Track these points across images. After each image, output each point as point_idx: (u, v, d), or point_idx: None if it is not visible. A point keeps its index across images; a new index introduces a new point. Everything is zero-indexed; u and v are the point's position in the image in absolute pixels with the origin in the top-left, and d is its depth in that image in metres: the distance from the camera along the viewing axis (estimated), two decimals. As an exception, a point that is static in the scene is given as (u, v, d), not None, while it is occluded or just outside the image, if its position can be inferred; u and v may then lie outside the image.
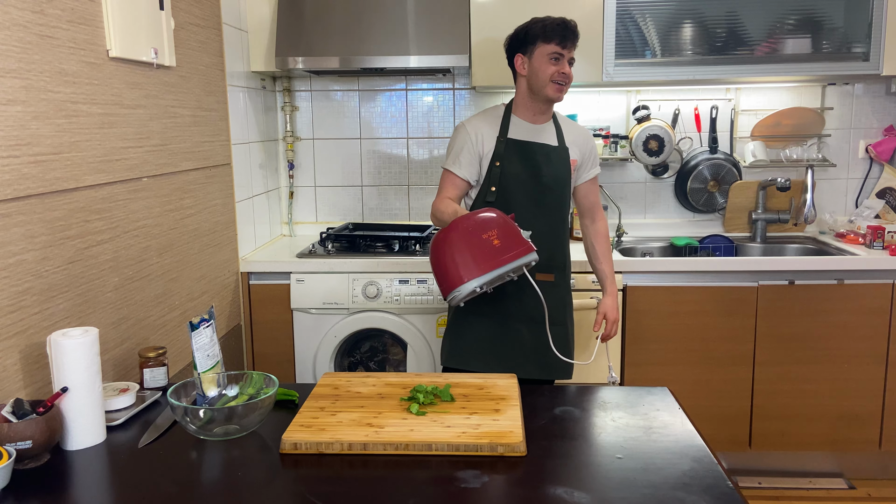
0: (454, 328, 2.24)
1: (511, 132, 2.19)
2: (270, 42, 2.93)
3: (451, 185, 2.17)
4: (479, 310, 2.18)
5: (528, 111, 2.21)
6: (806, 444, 2.85)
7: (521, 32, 2.17)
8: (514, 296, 2.16)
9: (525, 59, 2.16)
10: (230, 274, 2.71)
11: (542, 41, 2.12)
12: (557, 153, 2.21)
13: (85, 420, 1.39)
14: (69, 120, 1.67)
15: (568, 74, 2.14)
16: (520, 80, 2.21)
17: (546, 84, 2.13)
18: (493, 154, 2.16)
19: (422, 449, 1.33)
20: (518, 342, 2.18)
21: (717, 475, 1.25)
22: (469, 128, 2.19)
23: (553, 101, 2.18)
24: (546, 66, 2.12)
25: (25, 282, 1.52)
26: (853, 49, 2.84)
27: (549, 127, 2.25)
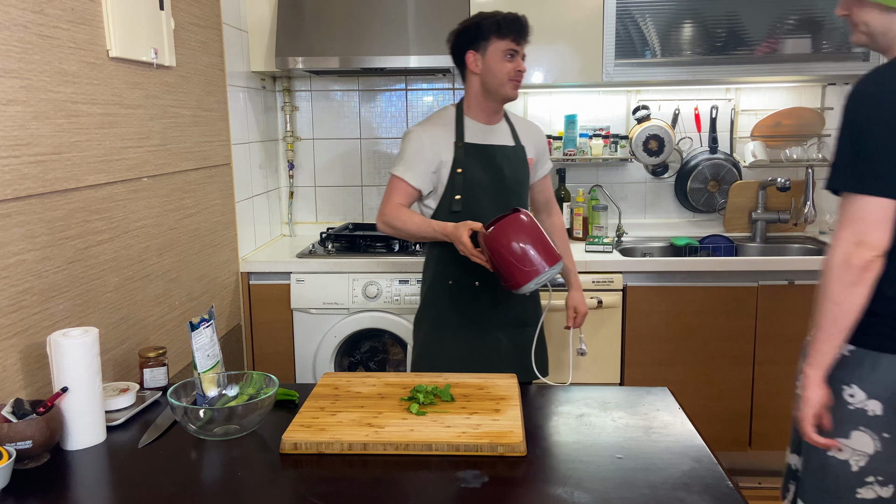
0: (429, 349, 2.16)
1: (467, 136, 2.09)
2: (270, 42, 2.93)
3: (401, 192, 2.06)
4: (455, 326, 2.13)
5: (481, 111, 2.11)
6: (806, 444, 2.84)
7: (472, 27, 2.04)
8: (490, 304, 2.12)
9: (478, 56, 2.04)
10: (230, 274, 2.71)
11: (497, 37, 2.01)
12: (516, 153, 2.15)
13: (85, 420, 1.39)
14: (69, 120, 1.67)
15: (524, 71, 2.06)
16: (472, 78, 2.08)
17: (504, 82, 2.03)
18: (452, 161, 2.06)
19: (422, 449, 1.33)
20: (497, 349, 2.14)
21: (717, 475, 1.25)
22: (423, 135, 2.07)
23: (511, 99, 2.08)
24: (502, 63, 2.02)
25: (25, 282, 1.52)
26: (853, 49, 2.84)
27: (503, 126, 2.17)
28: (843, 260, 1.43)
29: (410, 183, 2.06)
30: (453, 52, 2.12)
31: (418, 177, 2.06)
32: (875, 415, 1.49)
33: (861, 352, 1.50)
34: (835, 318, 1.45)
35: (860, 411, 1.51)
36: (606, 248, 2.89)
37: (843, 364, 1.52)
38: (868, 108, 1.44)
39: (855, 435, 1.52)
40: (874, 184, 1.42)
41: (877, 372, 1.49)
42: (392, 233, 2.08)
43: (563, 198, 3.19)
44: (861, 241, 1.42)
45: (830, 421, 1.52)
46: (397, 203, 2.06)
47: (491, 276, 2.00)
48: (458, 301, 2.12)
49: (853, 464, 1.54)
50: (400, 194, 2.06)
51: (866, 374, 1.49)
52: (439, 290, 2.14)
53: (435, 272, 2.15)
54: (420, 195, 2.10)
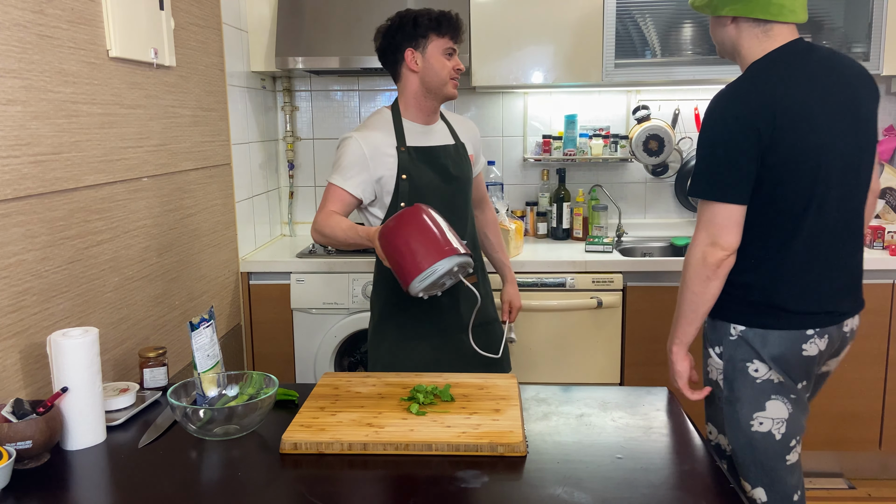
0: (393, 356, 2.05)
1: (408, 139, 2.00)
2: (270, 42, 2.93)
3: (337, 200, 1.94)
4: (417, 333, 2.05)
5: (420, 112, 2.02)
6: (806, 444, 2.83)
7: (408, 23, 1.95)
8: (450, 307, 2.06)
9: (417, 54, 1.95)
10: (230, 274, 2.71)
11: (436, 35, 1.94)
12: (458, 151, 2.09)
13: (85, 420, 1.39)
14: (69, 120, 1.67)
15: (462, 70, 1.99)
16: (409, 77, 1.98)
17: (445, 82, 1.96)
18: (397, 168, 1.96)
19: (422, 449, 1.33)
20: (461, 352, 2.07)
21: (717, 475, 1.25)
22: (362, 142, 1.95)
23: (451, 98, 2.00)
24: (443, 61, 1.95)
25: (25, 282, 1.52)
26: (853, 49, 2.84)
27: (440, 126, 2.09)
28: (700, 258, 1.65)
29: (349, 191, 1.95)
30: (385, 49, 2.01)
31: (358, 186, 1.95)
32: (780, 381, 1.69)
33: (751, 331, 1.69)
34: (695, 306, 1.69)
35: (767, 381, 1.69)
36: (606, 248, 2.89)
37: (739, 344, 1.71)
38: (718, 126, 1.63)
39: (770, 405, 1.70)
40: (725, 192, 1.62)
41: (768, 346, 1.67)
42: (323, 241, 1.96)
43: (562, 198, 3.19)
44: (715, 242, 1.63)
45: (696, 375, 1.79)
46: (330, 211, 1.94)
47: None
48: (419, 310, 2.02)
49: (776, 433, 1.72)
50: (335, 202, 1.95)
51: (760, 349, 1.68)
52: (398, 301, 2.04)
53: (392, 285, 2.01)
54: (359, 203, 2.00)
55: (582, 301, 2.70)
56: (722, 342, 1.72)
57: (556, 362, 2.77)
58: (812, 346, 1.67)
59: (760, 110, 1.59)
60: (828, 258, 1.68)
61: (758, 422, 1.70)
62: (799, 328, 1.67)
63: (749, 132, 1.59)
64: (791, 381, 1.69)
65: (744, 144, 1.60)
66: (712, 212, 1.64)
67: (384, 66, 2.05)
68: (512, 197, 3.37)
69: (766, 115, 1.59)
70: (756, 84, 1.64)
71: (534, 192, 3.36)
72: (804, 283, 1.67)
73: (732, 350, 1.71)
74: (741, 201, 1.62)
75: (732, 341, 1.71)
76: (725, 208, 1.62)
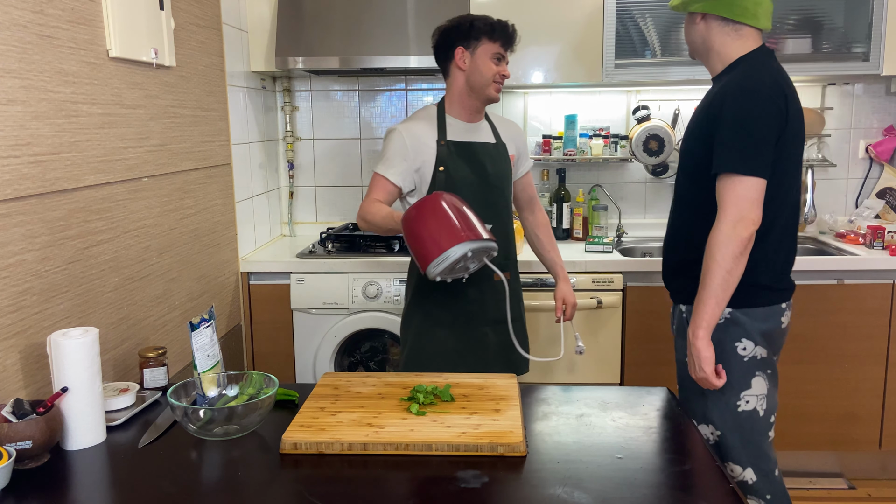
0: (420, 346, 2.16)
1: (449, 134, 2.12)
2: (270, 42, 2.93)
3: (380, 188, 2.07)
4: (441, 321, 2.14)
5: (464, 110, 2.14)
6: (806, 444, 2.85)
7: (465, 25, 2.08)
8: (476, 300, 2.14)
9: (467, 54, 2.07)
10: (230, 274, 2.71)
11: (488, 39, 2.06)
12: (497, 150, 2.18)
13: (85, 420, 1.39)
14: (69, 120, 1.67)
15: (507, 76, 2.12)
16: (457, 74, 2.11)
17: (489, 83, 2.08)
18: (435, 159, 2.08)
19: (422, 449, 1.33)
20: (483, 345, 2.16)
21: (717, 475, 1.25)
22: (405, 134, 2.08)
23: (493, 100, 2.13)
24: (490, 64, 2.07)
25: (25, 282, 1.52)
26: (853, 49, 2.84)
27: (484, 125, 2.20)
28: (732, 235, 1.66)
29: (391, 180, 2.07)
30: (439, 46, 2.13)
31: (399, 174, 2.07)
32: (762, 357, 1.81)
33: (738, 312, 1.79)
34: (727, 285, 1.69)
35: (752, 358, 1.81)
36: (606, 248, 2.89)
37: (727, 326, 1.80)
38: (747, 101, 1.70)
39: (754, 381, 1.81)
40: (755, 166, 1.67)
41: (755, 322, 1.79)
42: (367, 227, 2.06)
43: (562, 198, 3.19)
44: (744, 217, 1.67)
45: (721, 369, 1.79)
46: (373, 199, 2.06)
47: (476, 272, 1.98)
48: (445, 298, 2.14)
49: (759, 410, 1.83)
50: (379, 191, 2.08)
51: (748, 327, 1.79)
52: (426, 289, 2.16)
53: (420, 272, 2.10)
54: (401, 192, 2.11)
55: (582, 301, 2.70)
56: None
57: (557, 362, 2.77)
58: (786, 318, 1.85)
59: (779, 94, 1.71)
60: (793, 238, 1.86)
61: (744, 401, 1.81)
62: (777, 303, 1.82)
63: (775, 110, 1.69)
64: (772, 355, 1.83)
65: (771, 121, 1.69)
66: (744, 186, 1.67)
67: (437, 62, 2.17)
68: (512, 197, 3.37)
69: (782, 99, 1.71)
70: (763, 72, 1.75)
71: (534, 192, 3.36)
72: (782, 262, 1.82)
73: (721, 333, 1.79)
74: (767, 176, 1.68)
75: (721, 325, 1.79)
76: (756, 182, 1.67)
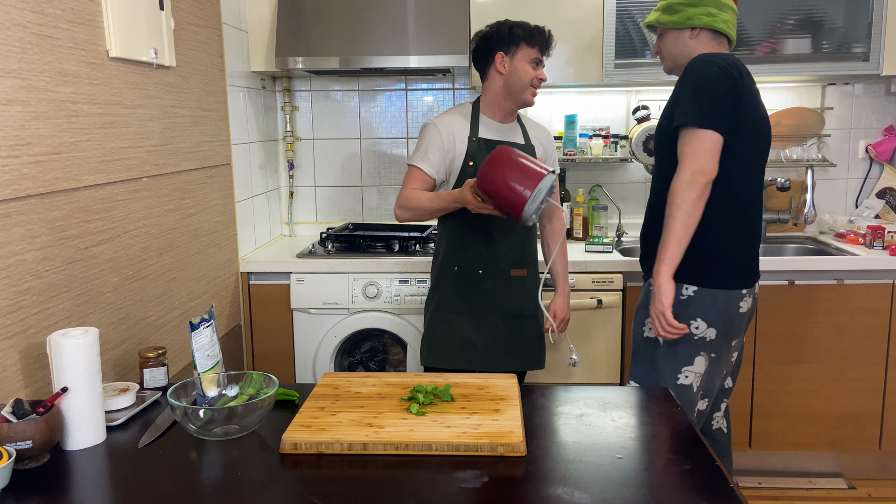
0: (433, 330, 2.27)
1: (481, 131, 2.21)
2: (270, 42, 2.93)
3: (417, 179, 2.18)
4: (457, 310, 2.23)
5: (498, 111, 2.23)
6: (806, 444, 2.85)
7: (505, 30, 2.17)
8: (491, 292, 2.22)
9: (506, 58, 2.16)
10: (230, 274, 2.71)
11: (527, 45, 2.15)
12: (526, 151, 2.24)
13: (85, 420, 1.39)
14: (69, 120, 1.67)
15: (544, 80, 2.20)
16: (495, 78, 2.20)
17: (526, 87, 2.17)
18: (465, 154, 2.17)
19: (422, 449, 1.33)
20: (496, 337, 2.23)
21: (717, 475, 1.25)
22: (440, 127, 2.19)
23: (528, 104, 2.21)
24: (528, 69, 2.16)
25: (25, 282, 1.52)
26: (853, 49, 2.84)
27: (515, 126, 2.29)
28: (690, 181, 1.86)
29: (426, 171, 2.17)
30: (479, 50, 2.22)
31: (433, 165, 2.17)
32: (710, 339, 1.96)
33: (703, 290, 1.95)
34: (686, 225, 1.86)
35: (702, 339, 1.97)
36: (606, 248, 2.89)
37: (688, 303, 1.96)
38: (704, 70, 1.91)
39: (697, 360, 1.98)
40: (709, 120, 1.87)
41: (715, 304, 1.95)
42: (409, 216, 2.18)
43: (563, 198, 3.19)
44: (701, 168, 1.86)
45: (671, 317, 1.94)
46: (411, 189, 2.17)
47: (494, 265, 2.17)
48: (461, 287, 2.22)
49: (694, 386, 2.02)
50: (415, 181, 2.18)
51: (708, 307, 1.94)
52: (445, 275, 2.24)
53: (444, 258, 2.25)
54: (434, 184, 2.21)
55: (582, 301, 2.70)
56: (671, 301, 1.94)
57: (557, 362, 2.77)
58: (745, 304, 1.99)
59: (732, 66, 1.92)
60: (758, 225, 2.02)
61: (684, 375, 1.99)
62: (738, 287, 1.97)
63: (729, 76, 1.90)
64: (724, 339, 1.98)
65: (725, 84, 1.89)
66: (699, 139, 1.87)
67: (475, 65, 2.26)
68: (512, 197, 3.36)
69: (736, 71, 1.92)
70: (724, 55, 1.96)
71: (534, 192, 3.36)
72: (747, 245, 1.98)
73: (681, 308, 1.95)
74: (722, 131, 1.88)
75: (682, 301, 1.96)
76: (710, 135, 1.87)
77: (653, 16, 2.12)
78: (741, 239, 1.99)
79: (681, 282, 1.95)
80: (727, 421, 2.31)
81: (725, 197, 1.93)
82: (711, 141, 1.87)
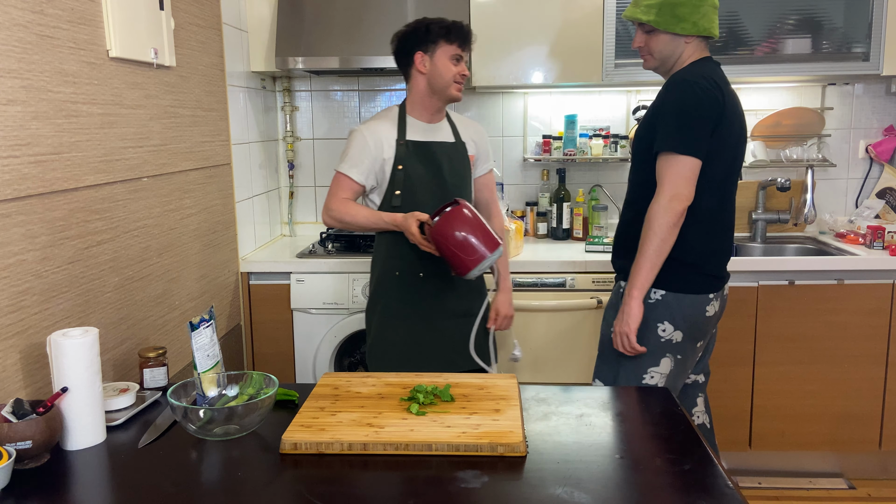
0: (381, 339, 2.23)
1: (409, 134, 2.18)
2: (270, 42, 2.93)
3: (346, 188, 2.16)
4: (402, 316, 2.21)
5: (425, 111, 2.21)
6: (806, 444, 2.85)
7: (422, 29, 2.14)
8: (435, 295, 2.21)
9: (426, 57, 2.14)
10: (230, 274, 2.71)
11: (445, 42, 2.12)
12: (456, 149, 2.23)
13: (85, 420, 1.39)
14: (69, 120, 1.67)
15: (467, 75, 2.19)
16: (418, 78, 2.17)
17: (449, 84, 2.14)
18: (394, 158, 2.15)
19: (422, 449, 1.33)
20: (446, 339, 2.21)
21: (717, 475, 1.25)
22: (366, 133, 2.16)
23: (455, 100, 2.18)
24: (449, 66, 2.13)
25: (25, 282, 1.52)
26: (853, 49, 2.85)
27: (444, 125, 2.26)
28: (667, 207, 1.87)
29: (355, 179, 2.15)
30: (399, 52, 2.19)
31: (362, 174, 2.16)
32: (677, 341, 2.00)
33: (670, 295, 1.98)
34: (660, 251, 1.90)
35: (668, 341, 2.00)
36: (606, 248, 2.89)
37: (656, 307, 1.99)
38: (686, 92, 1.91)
39: (663, 361, 2.02)
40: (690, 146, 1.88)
41: (682, 308, 1.98)
42: (339, 226, 2.19)
43: (562, 198, 3.19)
44: (678, 193, 1.88)
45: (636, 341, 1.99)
46: (343, 198, 2.16)
47: (434, 267, 2.16)
48: (404, 292, 2.20)
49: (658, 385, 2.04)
50: (345, 190, 2.17)
51: (675, 311, 1.98)
52: (386, 282, 2.22)
53: (383, 265, 2.23)
54: (364, 190, 2.20)
55: (582, 301, 2.70)
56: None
57: (557, 362, 2.77)
58: (711, 308, 2.02)
59: (715, 88, 1.92)
60: (729, 232, 2.06)
61: (650, 375, 2.03)
62: (705, 292, 2.00)
63: (712, 100, 1.90)
64: (690, 341, 2.01)
65: (708, 108, 1.90)
66: (679, 165, 1.88)
67: (398, 66, 2.22)
68: (512, 197, 3.37)
69: (718, 92, 1.92)
70: (706, 70, 1.97)
71: (534, 192, 3.37)
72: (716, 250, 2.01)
73: (649, 312, 1.98)
74: (700, 157, 1.89)
75: (650, 304, 1.99)
76: (690, 161, 1.88)
77: (644, 14, 2.03)
78: (712, 251, 2.01)
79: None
80: (709, 416, 2.32)
81: (697, 212, 1.94)
82: (690, 167, 1.88)
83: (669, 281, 1.97)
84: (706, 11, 2.00)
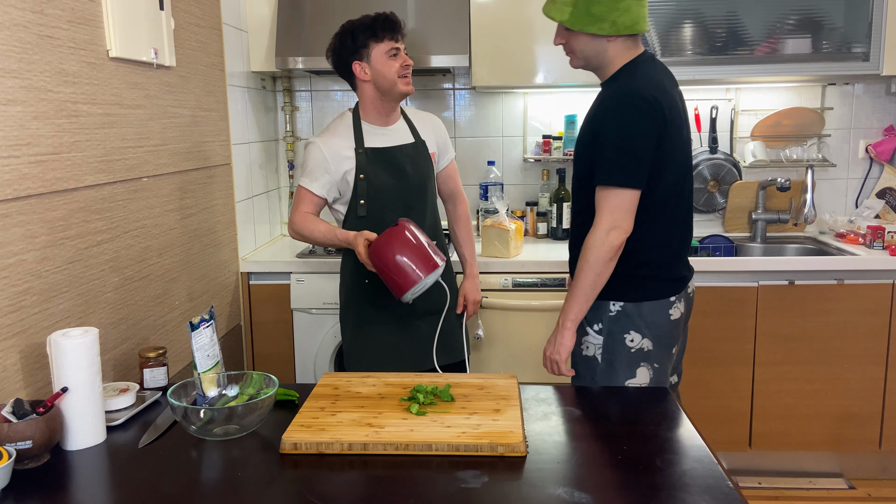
0: (358, 346, 2.24)
1: (367, 141, 2.14)
2: (270, 42, 2.93)
3: (307, 201, 2.15)
4: (377, 321, 2.21)
5: (378, 114, 2.17)
6: (806, 444, 2.85)
7: (348, 38, 2.10)
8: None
9: (364, 65, 2.09)
10: (230, 274, 2.71)
11: (375, 41, 2.07)
12: (416, 150, 2.21)
13: (85, 420, 1.39)
14: (69, 120, 1.67)
15: (411, 65, 2.12)
16: (363, 86, 2.13)
17: (395, 81, 2.09)
18: (355, 168, 2.12)
19: (422, 449, 1.33)
20: (420, 337, 2.22)
21: (717, 475, 1.25)
22: (322, 146, 2.11)
23: (406, 95, 2.13)
24: (389, 64, 2.08)
25: (25, 282, 1.52)
26: (853, 49, 2.85)
27: (401, 125, 2.23)
28: (605, 241, 1.79)
29: (315, 193, 2.14)
30: (337, 68, 2.15)
31: (322, 187, 2.13)
32: (648, 350, 1.90)
33: (629, 306, 1.89)
34: (595, 285, 1.82)
35: (640, 351, 1.90)
36: (606, 248, 2.88)
37: (618, 319, 1.90)
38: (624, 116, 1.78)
39: (639, 371, 1.92)
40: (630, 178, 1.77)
41: (643, 317, 1.89)
42: (301, 240, 2.18)
43: (562, 198, 3.19)
44: (618, 226, 1.78)
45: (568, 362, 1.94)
46: (305, 212, 2.15)
47: None
48: (375, 298, 2.19)
49: None
50: (307, 204, 2.15)
51: (636, 320, 1.89)
52: (357, 290, 2.22)
53: (351, 276, 2.23)
54: (326, 202, 2.18)
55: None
56: (601, 319, 1.91)
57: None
58: (675, 311, 1.93)
59: (656, 103, 1.77)
60: (684, 234, 1.98)
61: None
62: (665, 296, 1.91)
63: (652, 122, 1.77)
64: (662, 348, 1.92)
65: (648, 133, 1.77)
66: (619, 197, 1.78)
67: (342, 78, 2.19)
68: (512, 197, 3.37)
69: (660, 107, 1.78)
70: (643, 81, 1.82)
71: (534, 192, 3.36)
72: (670, 257, 1.93)
73: (612, 324, 1.91)
74: (642, 187, 1.80)
75: (612, 317, 1.90)
76: (630, 194, 1.79)
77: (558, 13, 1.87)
78: (668, 263, 1.93)
79: (606, 299, 1.88)
80: None
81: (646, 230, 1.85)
82: (630, 199, 1.78)
83: (625, 291, 1.88)
84: (627, 6, 1.81)
